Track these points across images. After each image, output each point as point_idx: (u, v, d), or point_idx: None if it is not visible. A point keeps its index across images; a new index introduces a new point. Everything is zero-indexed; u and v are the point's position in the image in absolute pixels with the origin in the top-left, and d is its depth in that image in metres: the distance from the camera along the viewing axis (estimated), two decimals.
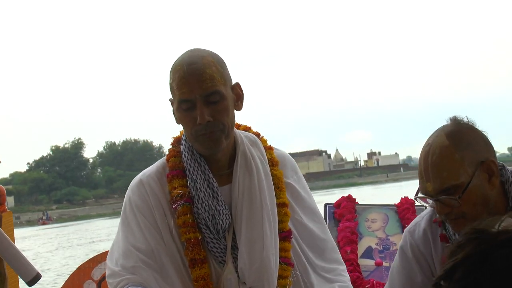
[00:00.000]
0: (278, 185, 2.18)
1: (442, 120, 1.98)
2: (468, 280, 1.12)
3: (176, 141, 2.22)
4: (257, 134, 2.26)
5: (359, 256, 3.19)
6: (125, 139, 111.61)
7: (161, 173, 2.17)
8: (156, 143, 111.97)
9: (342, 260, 2.29)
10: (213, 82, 2.03)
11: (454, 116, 1.97)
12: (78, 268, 3.09)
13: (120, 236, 2.13)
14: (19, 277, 2.93)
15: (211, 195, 2.09)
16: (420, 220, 2.10)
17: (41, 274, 2.14)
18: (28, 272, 2.07)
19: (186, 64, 2.04)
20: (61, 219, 71.20)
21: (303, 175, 2.34)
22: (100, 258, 3.12)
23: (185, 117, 2.05)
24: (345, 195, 3.41)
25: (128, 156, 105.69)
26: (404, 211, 3.23)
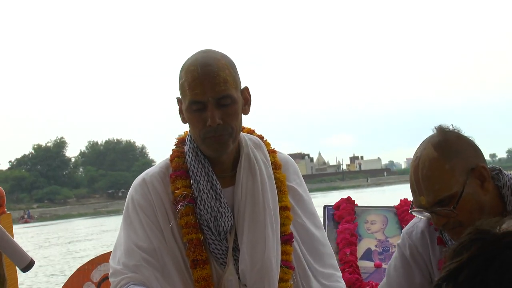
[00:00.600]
0: (281, 188, 2.18)
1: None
2: (474, 281, 1.09)
3: (180, 142, 2.21)
4: (261, 137, 2.26)
5: (358, 258, 3.17)
6: (107, 139, 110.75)
7: (165, 173, 2.16)
8: (139, 144, 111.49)
9: (338, 266, 2.29)
10: (226, 85, 2.02)
11: (440, 125, 1.95)
12: (78, 270, 3.06)
13: (122, 234, 2.12)
14: (18, 278, 2.93)
15: (214, 197, 2.08)
16: (418, 221, 2.08)
17: (35, 261, 2.20)
18: (22, 259, 2.13)
19: (200, 65, 2.03)
20: (42, 218, 70.64)
21: None
22: (100, 259, 3.08)
23: (195, 118, 2.04)
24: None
25: (110, 156, 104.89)
26: (403, 213, 3.21)
